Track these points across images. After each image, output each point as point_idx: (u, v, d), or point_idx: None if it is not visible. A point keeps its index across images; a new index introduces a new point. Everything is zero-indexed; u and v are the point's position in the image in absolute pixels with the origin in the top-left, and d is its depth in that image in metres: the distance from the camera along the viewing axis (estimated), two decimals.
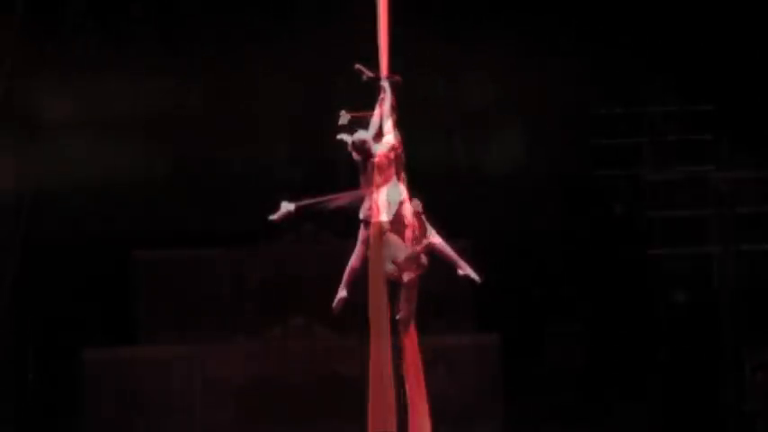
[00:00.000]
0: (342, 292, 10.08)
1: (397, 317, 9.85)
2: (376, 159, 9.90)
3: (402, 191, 9.94)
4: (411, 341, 9.93)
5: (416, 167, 10.25)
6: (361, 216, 10.00)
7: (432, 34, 18.53)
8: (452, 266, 10.15)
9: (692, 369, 19.03)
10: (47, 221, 19.20)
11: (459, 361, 19.39)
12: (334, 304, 10.09)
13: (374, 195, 9.92)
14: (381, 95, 10.09)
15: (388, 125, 10.02)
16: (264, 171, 20.00)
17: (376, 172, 9.91)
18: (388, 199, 9.88)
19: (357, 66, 10.20)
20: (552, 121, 19.32)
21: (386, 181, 9.92)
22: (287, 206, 10.01)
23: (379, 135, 10.05)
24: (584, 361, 19.44)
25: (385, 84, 10.08)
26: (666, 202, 18.99)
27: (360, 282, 10.14)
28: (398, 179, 10.00)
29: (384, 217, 9.86)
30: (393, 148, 9.95)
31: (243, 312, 20.23)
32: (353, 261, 10.05)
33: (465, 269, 10.09)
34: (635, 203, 19.46)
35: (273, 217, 10.04)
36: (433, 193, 10.16)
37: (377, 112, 10.09)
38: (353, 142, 9.94)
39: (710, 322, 18.89)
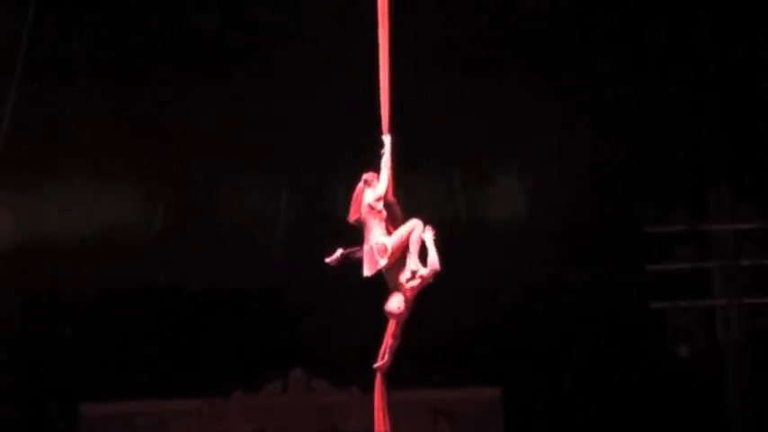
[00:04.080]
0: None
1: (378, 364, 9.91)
2: (364, 211, 10.02)
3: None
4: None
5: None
6: None
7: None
8: None
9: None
10: None
11: (461, 415, 19.35)
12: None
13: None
14: (382, 150, 10.13)
15: (383, 176, 10.07)
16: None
17: (366, 222, 10.02)
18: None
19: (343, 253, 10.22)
20: None
21: (369, 233, 9.97)
22: (339, 252, 10.10)
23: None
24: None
25: (386, 139, 10.12)
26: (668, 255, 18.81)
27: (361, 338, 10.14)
28: (386, 232, 9.99)
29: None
30: (379, 200, 9.99)
31: None
32: None
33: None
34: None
35: (329, 260, 10.10)
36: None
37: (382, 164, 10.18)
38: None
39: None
